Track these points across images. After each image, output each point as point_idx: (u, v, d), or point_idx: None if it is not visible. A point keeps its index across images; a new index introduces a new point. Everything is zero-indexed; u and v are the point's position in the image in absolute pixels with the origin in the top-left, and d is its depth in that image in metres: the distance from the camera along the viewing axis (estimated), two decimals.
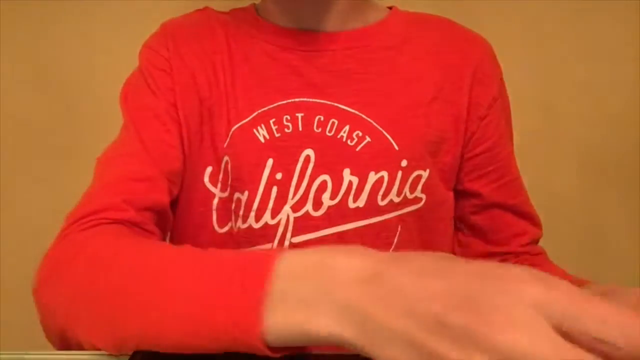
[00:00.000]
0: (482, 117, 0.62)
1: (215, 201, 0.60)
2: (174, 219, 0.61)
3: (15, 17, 1.01)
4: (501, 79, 0.65)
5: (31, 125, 1.03)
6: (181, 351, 0.35)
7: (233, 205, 0.59)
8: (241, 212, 0.59)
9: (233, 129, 0.59)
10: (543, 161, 1.04)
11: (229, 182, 0.59)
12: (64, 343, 0.42)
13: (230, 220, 0.60)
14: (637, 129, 1.04)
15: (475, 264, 0.28)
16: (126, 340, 0.37)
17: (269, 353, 0.32)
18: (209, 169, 0.60)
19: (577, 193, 1.07)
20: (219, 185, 0.60)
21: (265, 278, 0.32)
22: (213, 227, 0.61)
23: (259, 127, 0.59)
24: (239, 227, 0.59)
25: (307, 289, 0.31)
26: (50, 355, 0.42)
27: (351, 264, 0.31)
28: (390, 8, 0.66)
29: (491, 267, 0.27)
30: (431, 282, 0.27)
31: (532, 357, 0.23)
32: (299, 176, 0.58)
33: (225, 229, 0.61)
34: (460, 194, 0.66)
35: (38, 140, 1.04)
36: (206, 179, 0.60)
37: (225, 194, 0.60)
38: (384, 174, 0.58)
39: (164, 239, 0.57)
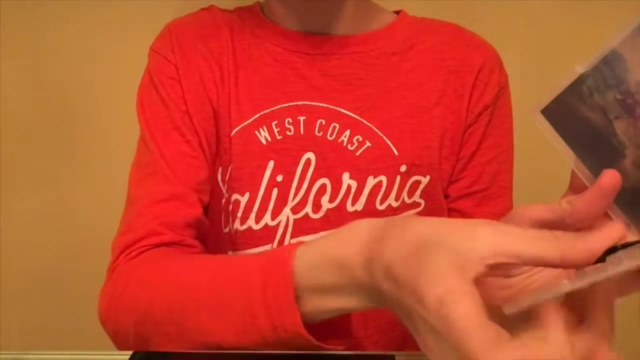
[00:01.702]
0: (470, 124, 0.62)
1: (223, 201, 0.61)
2: None
3: (15, 17, 1.01)
4: (502, 88, 0.63)
5: (31, 125, 1.03)
6: (243, 350, 0.42)
7: (230, 207, 0.60)
8: (239, 214, 0.59)
9: (235, 130, 0.60)
10: (542, 160, 1.04)
11: (229, 183, 0.60)
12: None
13: (228, 222, 0.61)
14: None
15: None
16: (195, 348, 0.43)
17: (319, 344, 0.39)
18: (220, 169, 0.61)
19: None
20: (225, 185, 0.61)
21: (289, 277, 0.39)
22: (221, 226, 0.61)
23: (260, 129, 0.59)
24: (236, 229, 0.60)
25: (327, 278, 0.38)
26: (50, 355, 0.43)
27: (354, 252, 0.36)
28: (397, 13, 0.66)
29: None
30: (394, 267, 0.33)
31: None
32: (299, 179, 0.59)
33: (227, 229, 0.61)
34: None
35: (38, 140, 1.04)
36: (219, 178, 0.61)
37: (226, 195, 0.60)
38: (383, 178, 0.59)
39: (204, 248, 0.59)
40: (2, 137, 1.03)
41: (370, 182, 0.59)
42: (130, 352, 0.42)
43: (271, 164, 0.59)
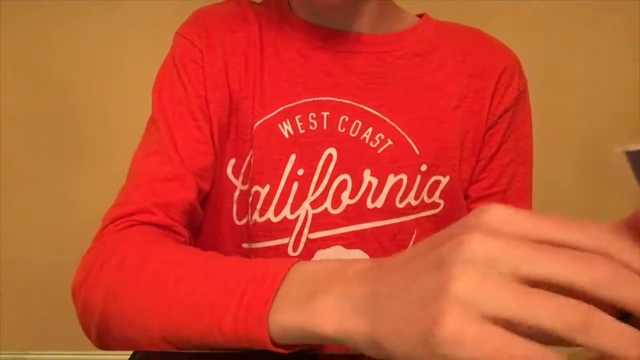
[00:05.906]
0: (491, 126, 0.63)
1: (237, 193, 0.61)
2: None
3: (15, 17, 1.01)
4: (522, 92, 0.64)
5: (31, 125, 1.04)
6: (199, 349, 0.40)
7: (250, 198, 0.60)
8: (259, 205, 0.60)
9: (258, 122, 0.60)
10: (542, 159, 1.04)
11: (250, 175, 0.60)
12: (100, 338, 0.46)
13: (247, 213, 0.61)
14: (636, 127, 1.04)
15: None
16: (152, 336, 0.41)
17: (280, 350, 0.36)
18: (232, 161, 0.61)
19: (575, 191, 1.07)
20: (241, 177, 0.61)
21: (273, 285, 0.36)
22: (233, 219, 0.61)
23: (284, 122, 0.60)
24: (255, 221, 0.60)
25: (312, 288, 0.34)
26: (50, 355, 0.43)
27: (354, 263, 0.34)
28: (421, 16, 0.67)
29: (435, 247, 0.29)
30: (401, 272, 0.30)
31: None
32: (320, 174, 0.59)
33: (243, 221, 0.61)
34: None
35: (38, 140, 1.04)
36: (229, 171, 0.61)
37: (245, 187, 0.61)
38: (403, 177, 0.59)
39: (191, 237, 0.58)
40: (2, 137, 1.03)
41: (391, 180, 0.59)
42: (130, 353, 0.42)
43: (293, 157, 0.59)
